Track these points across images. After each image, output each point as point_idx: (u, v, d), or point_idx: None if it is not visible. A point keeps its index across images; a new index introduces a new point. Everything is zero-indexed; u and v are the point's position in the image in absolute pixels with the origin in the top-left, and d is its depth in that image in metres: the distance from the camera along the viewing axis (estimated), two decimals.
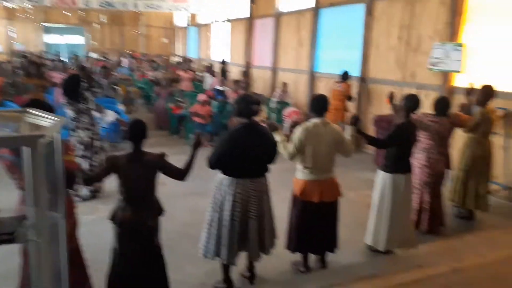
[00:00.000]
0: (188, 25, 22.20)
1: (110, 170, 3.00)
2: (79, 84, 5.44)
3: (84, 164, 5.32)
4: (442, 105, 4.63)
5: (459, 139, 5.66)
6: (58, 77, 9.60)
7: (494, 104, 5.02)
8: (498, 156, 5.25)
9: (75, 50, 20.37)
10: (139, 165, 2.98)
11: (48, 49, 22.08)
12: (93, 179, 3.24)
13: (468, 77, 6.20)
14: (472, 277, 3.22)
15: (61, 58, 15.37)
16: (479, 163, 4.86)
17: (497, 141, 5.39)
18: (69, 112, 5.33)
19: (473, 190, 4.88)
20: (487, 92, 4.85)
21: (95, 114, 7.80)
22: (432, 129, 4.50)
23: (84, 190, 5.50)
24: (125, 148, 3.55)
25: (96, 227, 4.74)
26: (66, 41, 22.93)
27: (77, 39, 23.51)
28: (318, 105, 3.72)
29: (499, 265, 3.40)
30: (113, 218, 3.06)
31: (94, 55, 19.09)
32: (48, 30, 23.10)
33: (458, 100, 5.79)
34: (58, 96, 9.03)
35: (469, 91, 4.86)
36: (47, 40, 23.18)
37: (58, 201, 2.79)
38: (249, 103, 3.39)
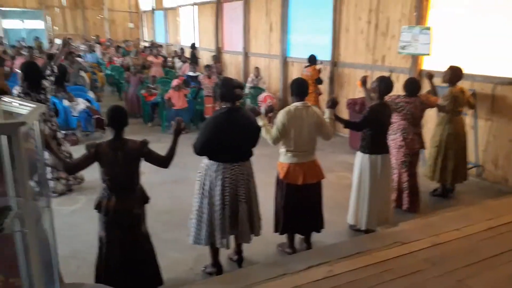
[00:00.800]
0: (153, 8, 21.62)
1: (92, 158, 2.93)
2: (39, 72, 5.00)
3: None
4: (412, 85, 4.76)
5: (429, 119, 5.88)
6: None
7: (462, 85, 5.24)
8: (468, 136, 5.48)
9: (37, 36, 19.43)
10: (122, 153, 2.93)
11: (6, 35, 20.96)
12: (75, 168, 3.07)
13: (436, 60, 6.41)
14: (450, 251, 3.37)
15: (25, 45, 14.66)
16: (450, 140, 5.07)
17: (466, 121, 5.63)
18: None
19: (444, 166, 5.10)
20: (456, 73, 5.05)
21: (66, 102, 7.57)
22: (406, 109, 4.64)
23: (59, 185, 5.27)
24: (98, 137, 3.47)
25: (76, 219, 4.65)
26: (25, 26, 21.84)
27: (37, 24, 22.42)
28: (299, 89, 3.75)
29: (474, 238, 3.58)
30: (98, 207, 3.01)
31: (58, 41, 18.31)
32: (4, 15, 21.89)
33: (427, 83, 5.96)
34: None
35: (430, 76, 5.08)
36: (5, 26, 21.97)
37: (42, 190, 2.71)
38: (232, 87, 3.37)
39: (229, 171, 3.33)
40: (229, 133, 3.29)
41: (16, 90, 4.97)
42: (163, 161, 3.10)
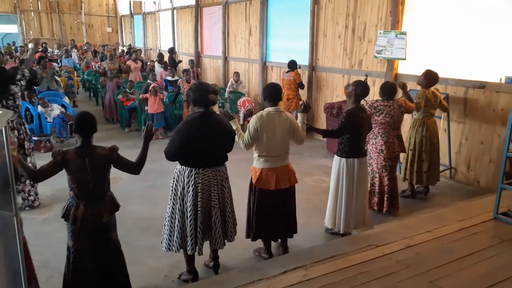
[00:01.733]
0: (131, 12, 21.41)
1: (59, 165, 2.84)
2: (7, 77, 4.76)
3: None
4: (389, 89, 4.81)
5: (404, 123, 5.95)
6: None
7: (436, 89, 5.35)
8: (441, 139, 5.59)
9: (14, 41, 19.04)
10: (90, 160, 2.85)
11: None
12: (41, 175, 2.91)
13: (411, 64, 6.53)
14: (423, 252, 3.42)
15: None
16: (424, 142, 5.20)
17: (440, 124, 5.74)
18: None
19: (420, 167, 5.23)
20: (431, 77, 5.18)
21: (40, 108, 7.40)
22: (385, 112, 4.69)
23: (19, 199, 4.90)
24: (73, 144, 3.44)
25: (48, 227, 4.55)
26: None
27: (11, 29, 21.89)
28: (271, 93, 3.73)
29: (447, 239, 3.64)
30: (66, 215, 2.92)
31: (30, 46, 17.96)
32: None
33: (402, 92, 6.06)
34: None
35: (403, 86, 5.14)
36: None
37: (9, 198, 2.63)
38: (206, 92, 3.35)
39: (201, 177, 3.30)
40: (201, 138, 3.25)
41: None
42: (134, 168, 3.04)
